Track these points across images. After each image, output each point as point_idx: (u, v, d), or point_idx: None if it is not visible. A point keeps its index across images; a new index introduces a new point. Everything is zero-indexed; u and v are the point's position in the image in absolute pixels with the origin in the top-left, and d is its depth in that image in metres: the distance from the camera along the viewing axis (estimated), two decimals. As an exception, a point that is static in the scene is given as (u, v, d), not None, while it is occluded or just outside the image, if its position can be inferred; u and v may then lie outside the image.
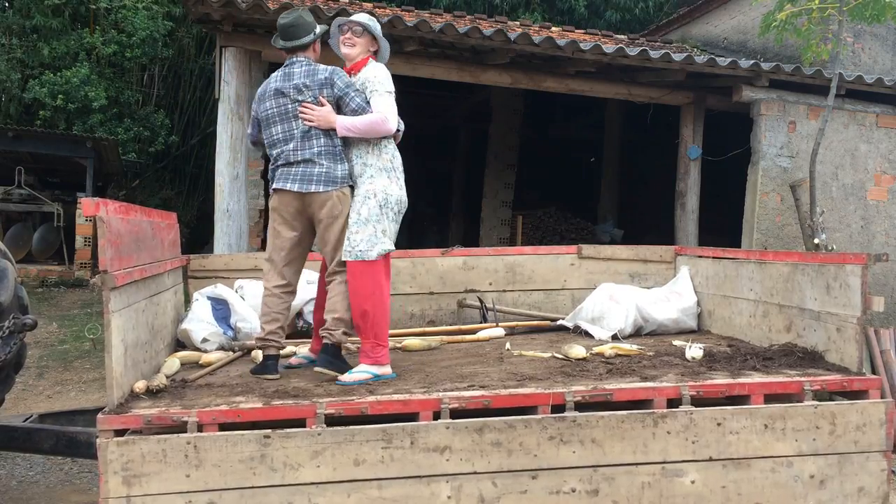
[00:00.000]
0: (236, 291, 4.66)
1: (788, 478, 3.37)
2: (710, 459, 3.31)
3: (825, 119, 7.06)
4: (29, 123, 12.34)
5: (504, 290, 5.36)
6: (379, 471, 3.04)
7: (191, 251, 6.07)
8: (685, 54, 7.95)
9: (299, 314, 4.69)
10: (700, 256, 5.25)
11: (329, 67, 3.77)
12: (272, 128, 3.75)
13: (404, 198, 3.80)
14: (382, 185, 3.71)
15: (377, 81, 3.72)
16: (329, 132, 3.68)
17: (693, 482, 3.29)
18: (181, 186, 13.79)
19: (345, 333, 3.70)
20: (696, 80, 8.00)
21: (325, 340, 3.65)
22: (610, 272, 5.45)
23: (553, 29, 10.17)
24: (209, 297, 4.40)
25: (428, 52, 7.57)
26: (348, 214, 3.68)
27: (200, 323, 4.22)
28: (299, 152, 3.67)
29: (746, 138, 8.07)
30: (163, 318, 3.94)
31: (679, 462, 3.28)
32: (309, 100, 3.68)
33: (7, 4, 13.60)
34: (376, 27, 3.85)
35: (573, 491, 3.19)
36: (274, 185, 3.72)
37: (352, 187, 3.73)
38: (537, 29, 9.95)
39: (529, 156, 13.56)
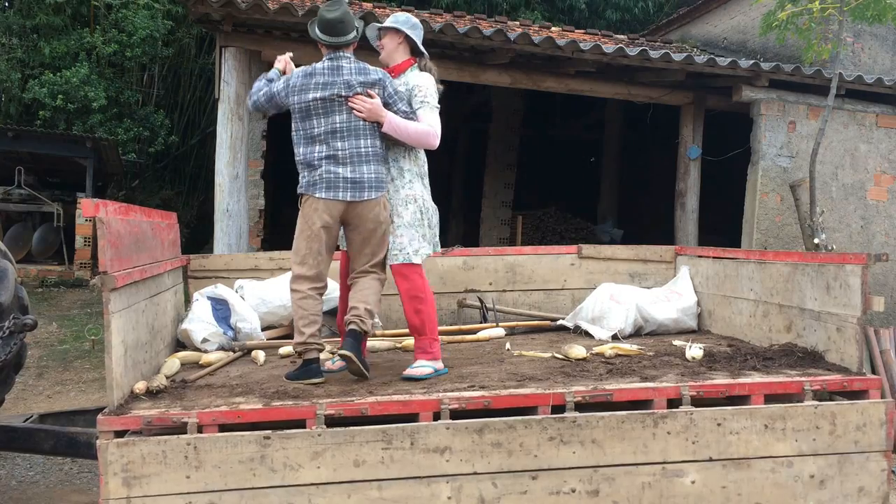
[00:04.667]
0: (236, 291, 4.66)
1: (788, 478, 3.37)
2: (711, 459, 3.31)
3: (825, 119, 7.06)
4: (29, 123, 12.33)
5: (504, 290, 5.36)
6: (379, 471, 3.04)
7: (191, 251, 6.07)
8: (685, 54, 7.95)
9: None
10: (700, 256, 5.25)
11: (379, 69, 3.79)
12: (313, 120, 3.63)
13: (432, 203, 3.87)
14: (420, 191, 3.78)
15: (428, 94, 3.73)
16: (374, 133, 3.66)
17: (693, 482, 3.29)
18: (181, 186, 13.79)
19: (372, 325, 3.72)
20: (695, 80, 8.00)
21: (352, 327, 3.56)
22: (610, 272, 5.45)
23: (553, 29, 10.17)
24: (209, 298, 4.40)
25: (428, 52, 7.57)
26: (389, 218, 3.71)
27: (200, 323, 4.22)
28: (345, 150, 3.61)
29: (746, 138, 8.07)
30: (163, 318, 3.94)
31: (679, 462, 3.28)
32: (359, 92, 3.66)
33: (7, 4, 13.60)
34: (417, 36, 3.86)
35: (573, 491, 3.19)
36: (320, 195, 3.58)
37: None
38: (537, 29, 9.95)
39: (529, 156, 13.56)
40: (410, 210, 3.71)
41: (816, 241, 6.97)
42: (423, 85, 3.73)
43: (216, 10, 6.47)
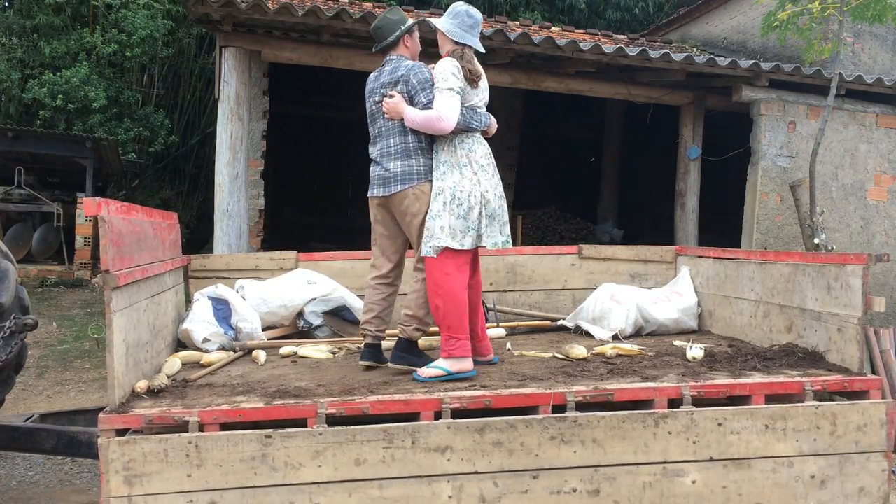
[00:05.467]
0: (237, 291, 4.66)
1: (789, 478, 3.37)
2: (711, 460, 3.31)
3: (825, 119, 7.07)
4: (29, 123, 12.32)
5: (505, 291, 5.36)
6: (380, 471, 3.04)
7: (191, 251, 6.07)
8: (685, 54, 7.95)
9: (300, 314, 4.69)
10: (701, 257, 5.25)
11: (410, 64, 3.82)
12: (370, 127, 3.96)
13: (481, 192, 3.69)
14: (453, 181, 3.69)
15: (440, 78, 3.68)
16: (404, 130, 3.76)
17: (694, 482, 3.29)
18: (181, 186, 13.78)
19: (417, 329, 3.78)
20: (695, 80, 8.01)
21: (399, 335, 3.79)
22: (610, 272, 5.45)
23: (553, 29, 10.17)
24: (210, 297, 4.40)
25: (428, 52, 7.57)
26: (426, 211, 3.73)
27: (201, 323, 4.22)
28: (378, 150, 3.86)
29: (746, 138, 8.07)
30: (164, 318, 3.94)
31: (680, 462, 3.28)
32: (384, 94, 3.80)
33: (7, 4, 13.59)
34: (441, 23, 3.82)
35: (574, 491, 3.19)
36: (368, 194, 3.93)
37: (431, 183, 3.75)
38: (537, 29, 9.95)
39: (529, 156, 13.55)
40: (438, 202, 3.68)
41: (816, 241, 6.97)
42: (436, 71, 3.72)
43: (216, 10, 6.47)
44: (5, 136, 10.73)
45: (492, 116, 3.93)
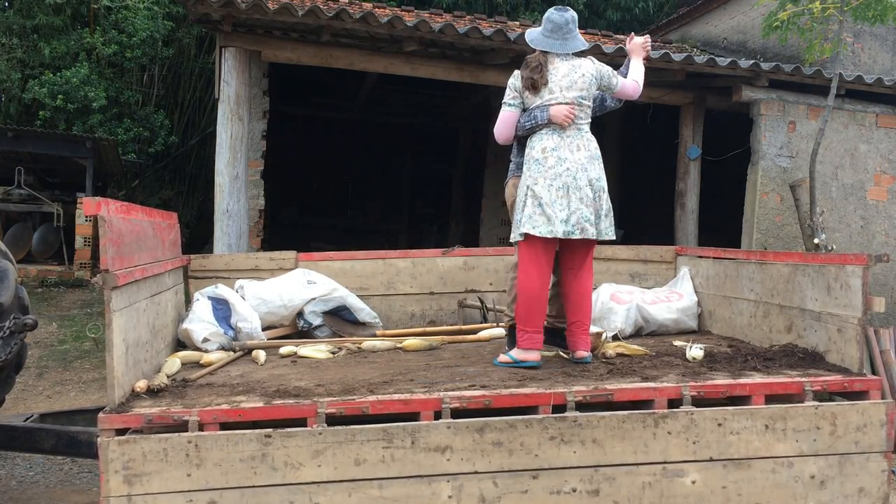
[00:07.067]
0: (237, 291, 4.66)
1: (789, 478, 3.37)
2: (711, 460, 3.31)
3: (825, 119, 7.07)
4: (29, 123, 12.32)
5: (505, 291, 5.35)
6: (380, 470, 3.04)
7: (190, 251, 6.05)
8: (685, 54, 7.96)
9: (300, 314, 4.69)
10: (700, 257, 5.26)
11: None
12: None
13: (528, 184, 3.91)
14: (528, 176, 3.94)
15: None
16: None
17: (694, 482, 3.29)
18: (181, 186, 13.78)
19: (505, 317, 4.27)
20: (695, 80, 8.00)
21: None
22: (610, 272, 5.45)
23: (553, 29, 10.14)
24: (210, 297, 4.40)
25: (428, 52, 7.58)
26: (512, 203, 4.12)
27: (201, 323, 4.22)
28: None
29: (746, 138, 8.07)
30: (164, 317, 3.94)
31: (680, 462, 3.28)
32: None
33: (7, 4, 13.59)
34: (527, 35, 4.17)
35: (574, 491, 3.19)
36: None
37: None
38: (537, 29, 9.93)
39: (529, 156, 13.52)
40: (517, 197, 4.00)
41: (816, 241, 6.97)
42: None
43: (216, 11, 6.47)
44: (5, 136, 10.73)
45: (551, 107, 3.94)
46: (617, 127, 13.25)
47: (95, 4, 12.87)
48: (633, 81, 4.24)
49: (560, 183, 3.84)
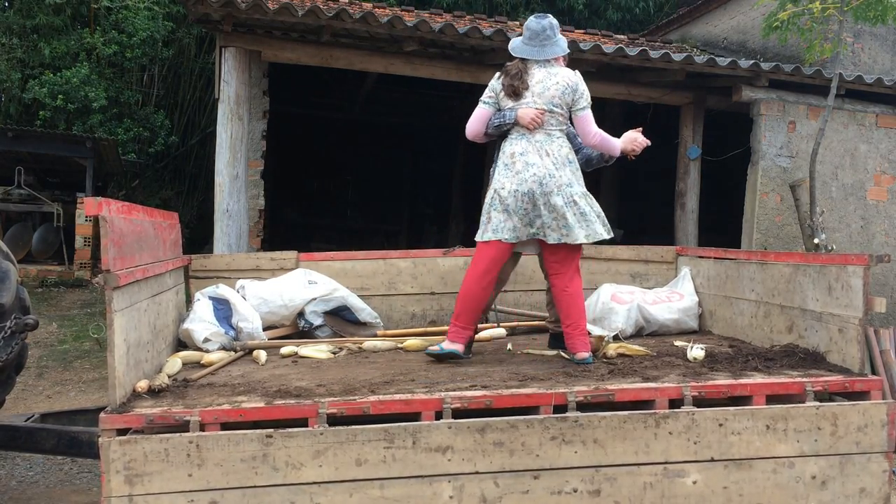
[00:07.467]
0: (238, 291, 4.66)
1: (790, 478, 3.37)
2: (712, 460, 3.31)
3: (825, 119, 7.07)
4: (29, 123, 12.32)
5: (505, 291, 5.34)
6: (381, 470, 3.04)
7: (191, 251, 6.05)
8: (685, 54, 7.96)
9: (301, 314, 4.69)
10: (701, 257, 5.25)
11: None
12: None
13: (495, 188, 4.00)
14: (496, 179, 4.03)
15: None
16: None
17: (695, 483, 3.29)
18: (181, 186, 13.78)
19: (550, 322, 4.46)
20: (695, 80, 8.01)
21: None
22: (611, 272, 5.44)
23: (553, 29, 10.15)
24: (211, 297, 4.40)
25: (428, 52, 7.58)
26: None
27: (202, 323, 4.22)
28: None
29: (746, 138, 8.07)
30: (165, 317, 3.94)
31: (681, 462, 3.28)
32: None
33: (7, 4, 13.59)
34: (510, 44, 4.25)
35: (575, 491, 3.19)
36: None
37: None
38: (537, 29, 9.93)
39: (529, 156, 13.51)
40: (485, 199, 4.06)
41: (816, 241, 6.97)
42: None
43: (216, 11, 6.47)
44: (5, 136, 10.73)
45: (519, 109, 4.00)
46: (617, 127, 13.25)
47: (95, 4, 12.87)
48: (598, 132, 4.14)
49: (526, 188, 3.91)
